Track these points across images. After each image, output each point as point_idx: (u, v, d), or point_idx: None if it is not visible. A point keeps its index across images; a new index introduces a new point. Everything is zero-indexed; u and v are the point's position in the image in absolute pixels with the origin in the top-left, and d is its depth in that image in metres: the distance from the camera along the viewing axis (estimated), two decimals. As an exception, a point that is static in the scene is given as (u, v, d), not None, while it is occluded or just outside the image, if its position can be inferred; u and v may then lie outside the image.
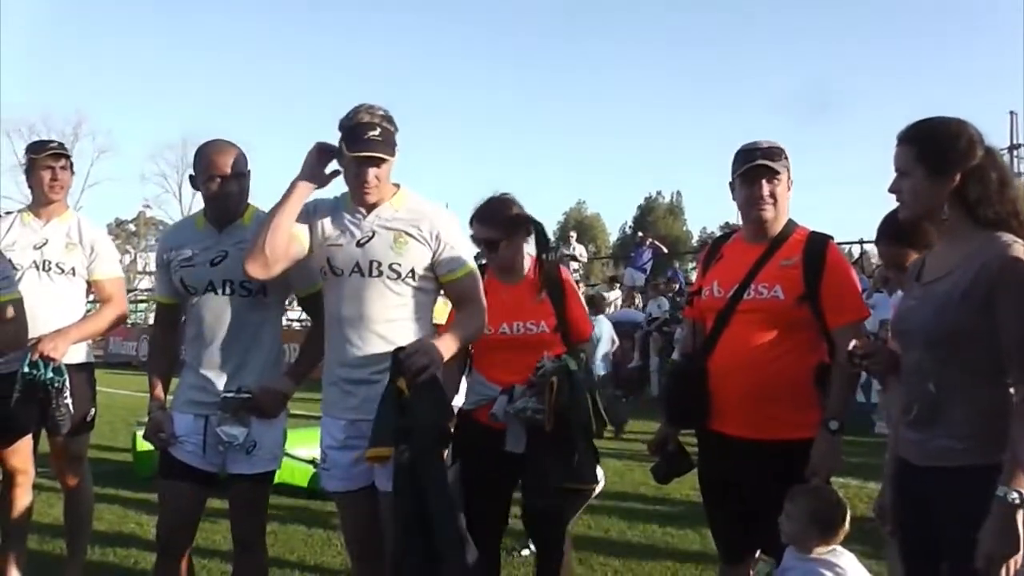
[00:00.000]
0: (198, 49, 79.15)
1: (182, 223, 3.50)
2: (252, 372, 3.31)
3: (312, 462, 6.63)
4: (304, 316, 13.92)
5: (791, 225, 3.14)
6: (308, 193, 3.07)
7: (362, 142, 2.95)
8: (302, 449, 6.77)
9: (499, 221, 3.52)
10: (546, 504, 3.43)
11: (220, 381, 3.29)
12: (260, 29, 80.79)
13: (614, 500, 6.57)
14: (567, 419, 3.29)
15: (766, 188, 3.06)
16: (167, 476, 3.38)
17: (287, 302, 3.80)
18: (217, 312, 3.31)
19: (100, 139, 54.34)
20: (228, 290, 3.30)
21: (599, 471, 3.65)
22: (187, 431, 3.31)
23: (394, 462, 2.84)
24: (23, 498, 4.29)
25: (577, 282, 16.50)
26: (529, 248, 3.64)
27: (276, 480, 6.26)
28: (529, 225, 3.58)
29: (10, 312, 3.62)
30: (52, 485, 4.52)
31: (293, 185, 3.05)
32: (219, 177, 3.28)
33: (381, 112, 3.02)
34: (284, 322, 3.62)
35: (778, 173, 3.05)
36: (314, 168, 3.07)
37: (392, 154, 3.01)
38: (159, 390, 3.42)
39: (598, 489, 3.76)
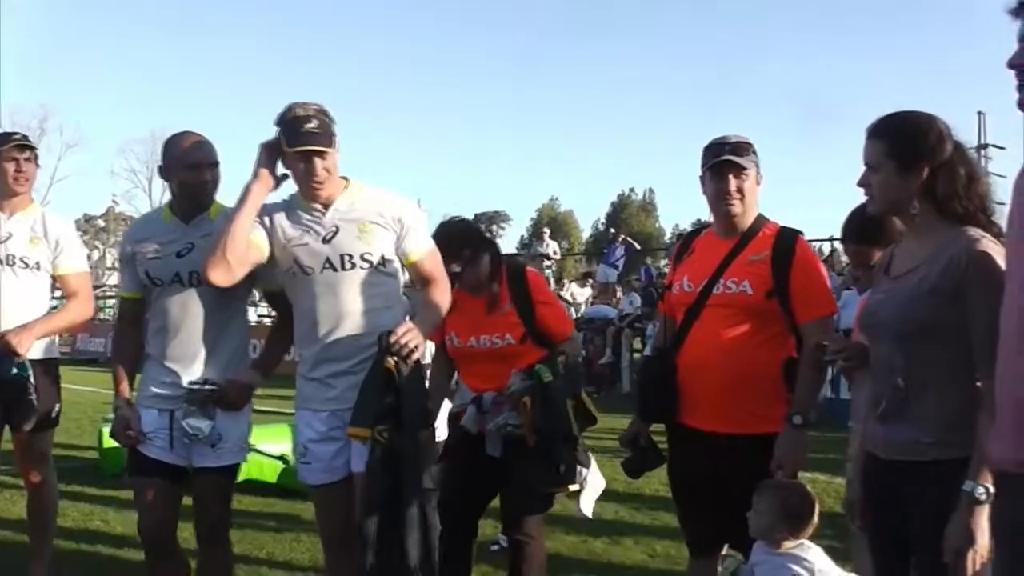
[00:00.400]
0: (167, 41, 78.26)
1: (147, 217, 3.47)
2: (218, 364, 3.29)
3: (281, 458, 6.61)
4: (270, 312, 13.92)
5: (761, 220, 3.15)
6: (263, 195, 3.07)
7: (301, 136, 2.95)
8: (271, 445, 6.75)
9: (456, 255, 3.49)
10: (529, 507, 3.48)
11: (185, 374, 3.26)
12: (233, 20, 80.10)
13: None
14: (547, 432, 3.30)
15: (733, 183, 3.06)
16: (137, 473, 3.36)
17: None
18: (183, 304, 3.28)
19: (68, 134, 53.89)
20: (195, 282, 3.27)
21: (593, 468, 3.62)
22: (154, 427, 3.29)
23: (371, 441, 2.87)
24: None
25: (548, 279, 16.55)
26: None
27: (245, 476, 6.36)
28: (485, 243, 3.61)
29: None
30: (16, 482, 4.44)
31: (247, 189, 3.04)
32: (195, 166, 3.26)
33: (315, 106, 3.02)
34: (253, 318, 3.58)
35: (745, 168, 3.05)
36: (266, 170, 3.06)
37: (331, 145, 3.00)
38: (124, 386, 3.38)
39: (599, 489, 3.73)
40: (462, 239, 3.56)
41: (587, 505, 3.70)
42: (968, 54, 69.82)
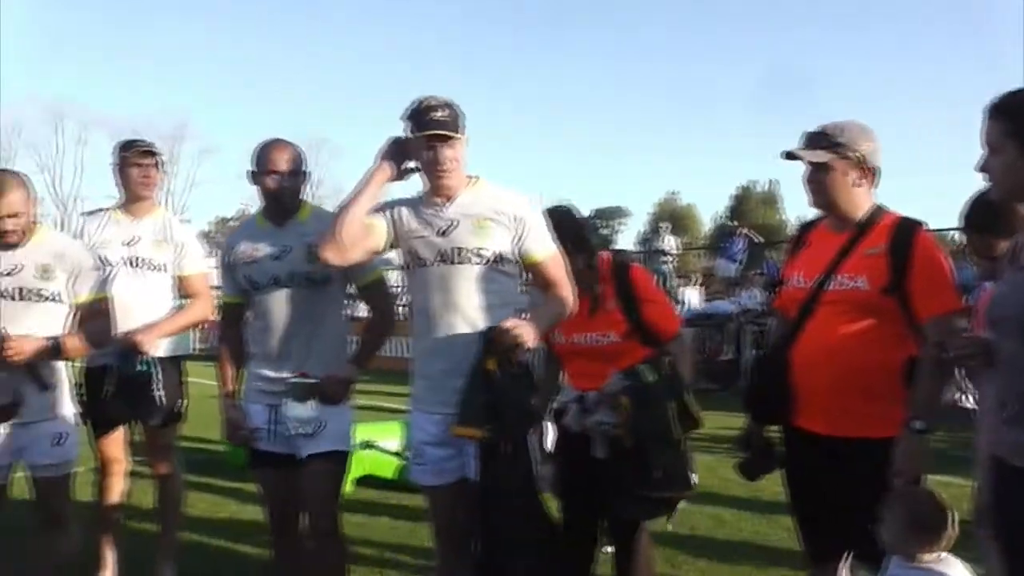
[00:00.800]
0: (299, 48, 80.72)
1: (243, 224, 3.60)
2: (317, 361, 3.38)
3: (398, 454, 6.72)
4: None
5: (879, 211, 2.97)
6: (383, 181, 3.12)
7: (430, 123, 2.99)
8: (388, 441, 6.87)
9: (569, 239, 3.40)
10: (629, 512, 3.40)
11: (287, 370, 3.36)
12: (365, 29, 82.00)
13: (701, 497, 6.39)
14: (645, 434, 3.22)
15: (812, 174, 2.95)
16: (256, 467, 3.56)
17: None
18: (282, 304, 3.39)
19: (203, 141, 56.20)
20: (292, 282, 3.38)
21: (694, 476, 3.49)
22: (260, 421, 3.43)
23: (478, 441, 2.89)
24: (117, 486, 4.48)
25: (667, 275, 16.32)
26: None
27: (363, 472, 6.49)
28: (580, 246, 3.48)
29: (99, 310, 3.72)
30: (149, 472, 4.64)
31: (368, 174, 3.10)
32: (274, 173, 3.35)
33: (444, 99, 3.06)
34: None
35: (820, 162, 2.91)
36: (390, 159, 3.11)
37: (459, 132, 3.02)
38: (230, 388, 3.54)
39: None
40: (561, 234, 3.46)
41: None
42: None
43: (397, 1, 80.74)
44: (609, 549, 4.78)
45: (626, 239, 53.25)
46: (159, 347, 4.20)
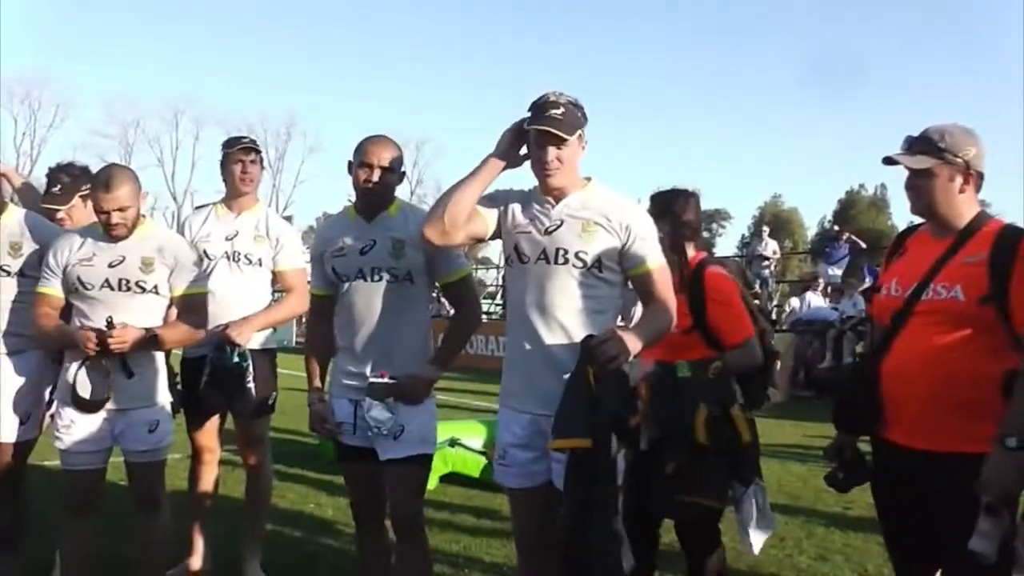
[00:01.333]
0: (411, 46, 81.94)
1: (335, 217, 3.64)
2: (399, 358, 3.38)
3: (483, 453, 6.75)
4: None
5: (982, 217, 2.82)
6: (498, 170, 3.10)
7: (542, 118, 2.96)
8: (473, 439, 6.90)
9: (664, 215, 3.48)
10: (654, 508, 3.33)
11: (368, 367, 3.38)
12: (470, 32, 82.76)
13: (791, 507, 6.31)
14: (665, 427, 3.17)
15: (912, 180, 2.82)
16: (342, 460, 3.60)
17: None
18: (366, 299, 3.40)
19: (310, 138, 57.70)
20: (376, 277, 3.39)
21: (743, 488, 3.42)
22: (345, 415, 3.45)
23: (570, 451, 2.83)
24: (209, 474, 4.60)
25: (766, 280, 15.95)
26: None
27: (450, 469, 6.53)
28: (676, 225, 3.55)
29: (196, 304, 3.83)
30: (238, 462, 4.77)
31: (484, 161, 3.09)
32: (368, 166, 3.37)
33: (568, 97, 3.02)
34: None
35: (922, 168, 2.78)
36: (508, 148, 3.10)
37: (570, 133, 2.97)
38: (317, 381, 3.56)
39: (768, 530, 3.53)
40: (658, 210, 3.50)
41: (754, 541, 3.47)
42: None
43: (503, 5, 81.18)
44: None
45: (727, 243, 52.36)
46: (252, 340, 4.29)
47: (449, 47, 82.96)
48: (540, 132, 2.96)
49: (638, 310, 3.21)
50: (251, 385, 4.21)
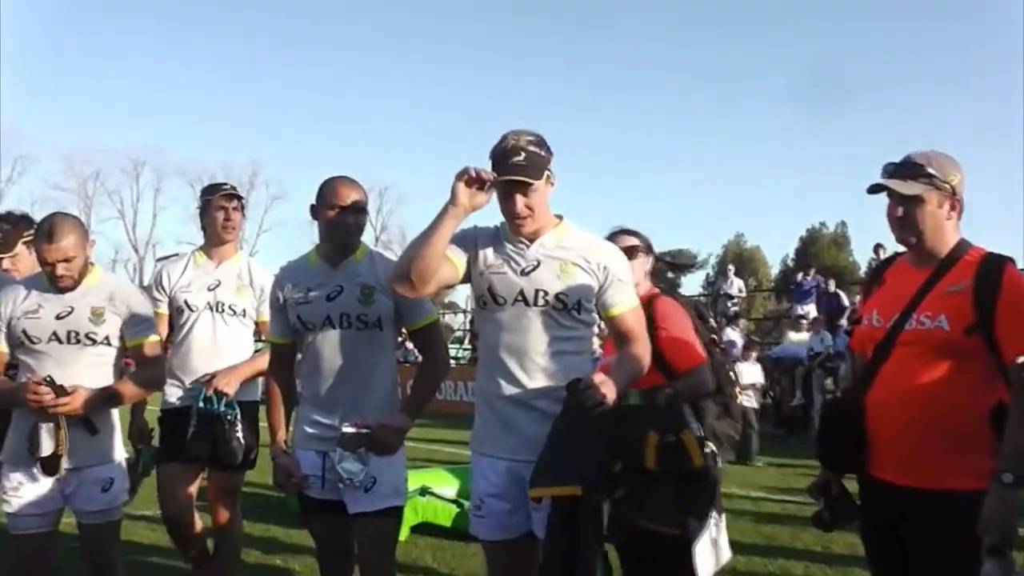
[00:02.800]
0: (368, 96, 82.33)
1: (296, 262, 3.50)
2: (369, 406, 3.27)
3: (455, 502, 6.58)
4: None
5: (963, 246, 2.76)
6: (459, 219, 2.91)
7: (505, 167, 2.87)
8: (445, 488, 6.74)
9: (635, 234, 3.55)
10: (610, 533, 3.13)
11: (338, 416, 3.25)
12: (430, 76, 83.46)
13: (769, 549, 6.20)
14: (615, 453, 3.00)
15: (898, 209, 2.74)
16: (308, 515, 3.47)
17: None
18: (334, 347, 3.29)
19: (273, 187, 57.61)
20: (345, 324, 3.28)
21: (695, 521, 3.30)
22: (311, 467, 3.31)
23: (554, 500, 2.74)
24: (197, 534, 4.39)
25: (736, 315, 16.05)
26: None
27: (421, 519, 6.35)
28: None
29: (151, 353, 3.68)
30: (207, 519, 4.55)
31: (444, 210, 2.89)
32: (342, 207, 3.26)
33: (529, 137, 2.93)
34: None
35: (912, 194, 2.70)
36: (462, 194, 2.91)
37: (537, 177, 2.89)
38: (281, 434, 3.43)
39: (722, 560, 3.39)
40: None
41: (703, 567, 3.35)
42: None
43: (464, 47, 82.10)
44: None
45: (692, 281, 52.73)
46: (240, 391, 4.16)
47: (410, 94, 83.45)
48: (505, 183, 2.88)
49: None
50: (239, 435, 4.10)
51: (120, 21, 76.82)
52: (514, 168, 2.85)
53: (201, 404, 4.04)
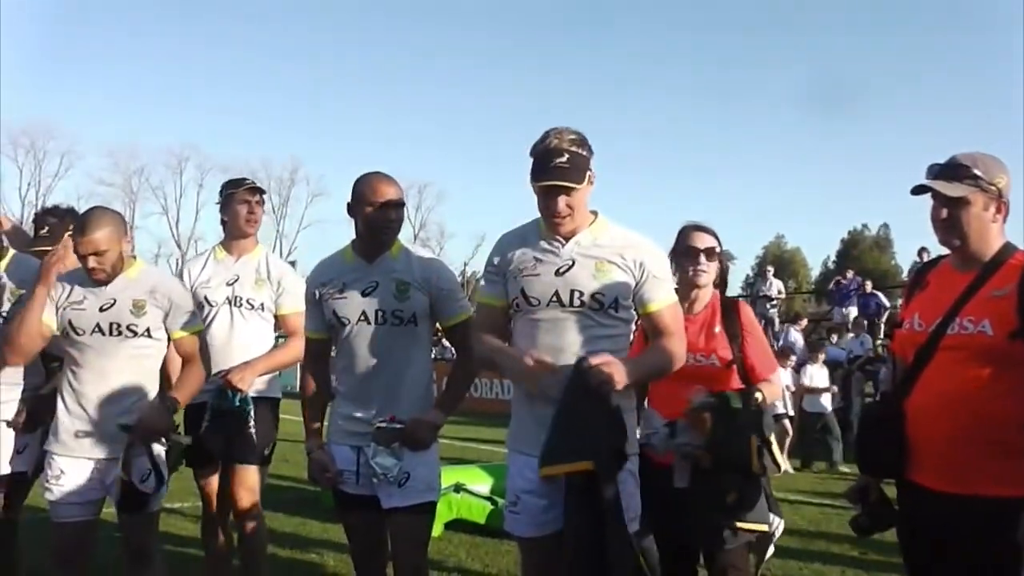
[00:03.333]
0: (409, 95, 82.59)
1: (331, 258, 3.49)
2: (404, 402, 3.27)
3: (489, 499, 6.59)
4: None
5: (1009, 249, 2.70)
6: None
7: (547, 171, 2.84)
8: (479, 485, 6.76)
9: (715, 235, 3.49)
10: (706, 543, 3.26)
11: (372, 411, 3.26)
12: (457, 73, 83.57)
13: (805, 552, 6.12)
14: (723, 456, 3.12)
15: (942, 212, 2.68)
16: (343, 509, 3.45)
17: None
18: (369, 342, 3.29)
19: (313, 184, 58.05)
20: (380, 320, 3.28)
21: (776, 519, 3.38)
22: (346, 462, 3.33)
23: (566, 481, 2.76)
24: (223, 525, 4.43)
25: (771, 319, 15.81)
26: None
27: (455, 516, 6.37)
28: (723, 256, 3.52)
29: (195, 346, 3.73)
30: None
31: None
32: (381, 203, 3.27)
33: (571, 136, 2.89)
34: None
35: (957, 197, 2.64)
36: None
37: (580, 181, 2.86)
38: (316, 428, 3.44)
39: (776, 533, 3.43)
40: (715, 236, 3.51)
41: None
42: None
43: (504, 43, 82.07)
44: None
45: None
46: (254, 386, 4.17)
47: (450, 91, 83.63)
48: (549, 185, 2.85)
49: None
50: (252, 430, 4.10)
51: (165, 18, 77.80)
52: (557, 171, 2.82)
53: (216, 399, 4.05)
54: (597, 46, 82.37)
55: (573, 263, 2.93)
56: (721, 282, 3.55)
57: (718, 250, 3.47)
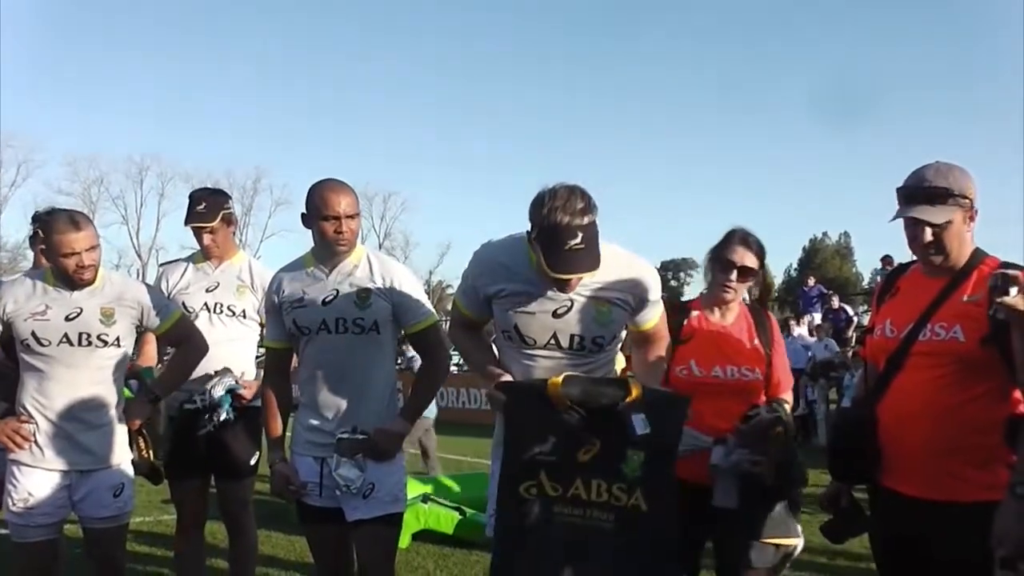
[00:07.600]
0: (374, 108, 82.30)
1: (291, 266, 3.41)
2: (367, 412, 3.23)
3: (458, 508, 6.56)
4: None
5: (978, 256, 2.72)
6: None
7: (564, 260, 2.67)
8: (447, 495, 6.73)
9: (760, 253, 3.41)
10: (745, 559, 3.24)
11: (335, 422, 3.22)
12: (422, 84, 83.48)
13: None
14: (785, 472, 3.15)
15: (928, 234, 2.66)
16: (307, 523, 3.39)
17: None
18: (330, 352, 3.25)
19: (277, 193, 57.57)
20: (341, 328, 3.23)
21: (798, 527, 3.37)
22: (309, 474, 3.27)
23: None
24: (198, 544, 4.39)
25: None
26: None
27: (423, 527, 6.31)
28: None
29: (182, 331, 3.78)
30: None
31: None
32: (335, 217, 3.19)
33: (579, 206, 2.67)
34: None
35: (940, 220, 2.64)
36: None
37: (596, 263, 2.71)
38: (278, 440, 3.38)
39: (798, 547, 3.39)
40: (761, 253, 3.44)
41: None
42: None
43: (471, 52, 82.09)
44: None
45: (694, 291, 52.64)
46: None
47: (416, 100, 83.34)
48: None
49: None
50: (235, 443, 4.09)
51: (124, 25, 76.72)
52: (575, 261, 2.67)
53: (222, 393, 4.04)
54: (562, 54, 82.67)
55: (571, 304, 2.88)
56: (761, 295, 3.51)
57: (756, 268, 3.37)
